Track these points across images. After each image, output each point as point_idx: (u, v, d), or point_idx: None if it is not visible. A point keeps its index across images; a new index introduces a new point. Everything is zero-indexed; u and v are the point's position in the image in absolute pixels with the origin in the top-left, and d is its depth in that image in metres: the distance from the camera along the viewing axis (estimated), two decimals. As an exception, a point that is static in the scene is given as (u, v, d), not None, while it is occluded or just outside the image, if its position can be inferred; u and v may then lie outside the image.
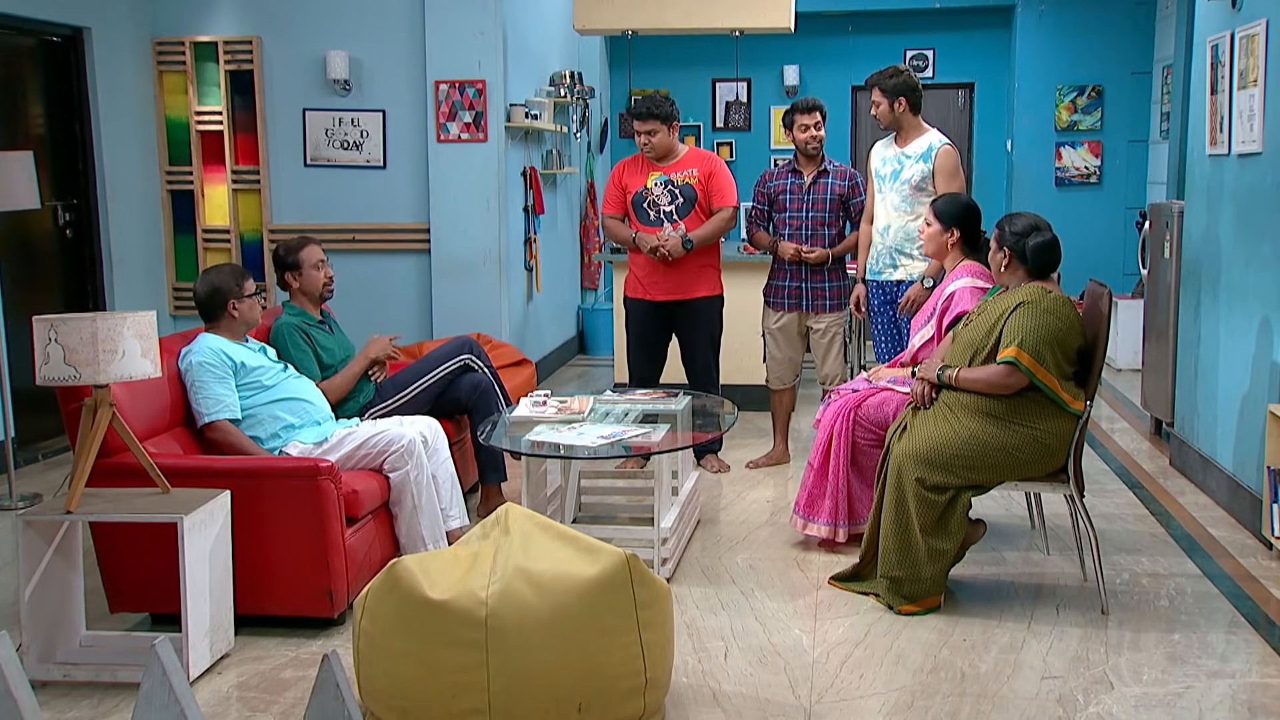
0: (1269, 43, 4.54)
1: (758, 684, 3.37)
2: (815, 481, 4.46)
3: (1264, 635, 3.68)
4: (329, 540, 3.70)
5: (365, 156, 7.06)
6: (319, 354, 4.64)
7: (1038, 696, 3.27)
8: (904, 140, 5.23)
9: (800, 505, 4.50)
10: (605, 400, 4.71)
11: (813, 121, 5.54)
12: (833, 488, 4.40)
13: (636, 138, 5.50)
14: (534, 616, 2.88)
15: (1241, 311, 4.86)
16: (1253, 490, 4.64)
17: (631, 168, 5.59)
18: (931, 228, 4.42)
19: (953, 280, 4.38)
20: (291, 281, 4.73)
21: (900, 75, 5.21)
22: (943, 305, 4.37)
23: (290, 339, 4.57)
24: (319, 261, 4.75)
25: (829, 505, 4.41)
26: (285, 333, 4.58)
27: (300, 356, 4.54)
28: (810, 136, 5.53)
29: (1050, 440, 3.80)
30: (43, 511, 3.43)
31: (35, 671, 3.40)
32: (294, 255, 4.71)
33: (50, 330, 3.28)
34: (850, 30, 10.63)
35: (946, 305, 4.35)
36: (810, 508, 4.47)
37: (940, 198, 4.60)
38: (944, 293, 4.39)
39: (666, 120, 5.41)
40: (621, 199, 5.56)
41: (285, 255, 4.72)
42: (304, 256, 4.71)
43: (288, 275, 4.73)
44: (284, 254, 4.73)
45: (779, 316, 5.67)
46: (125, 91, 6.87)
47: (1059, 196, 10.12)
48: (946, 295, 4.37)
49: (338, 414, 4.54)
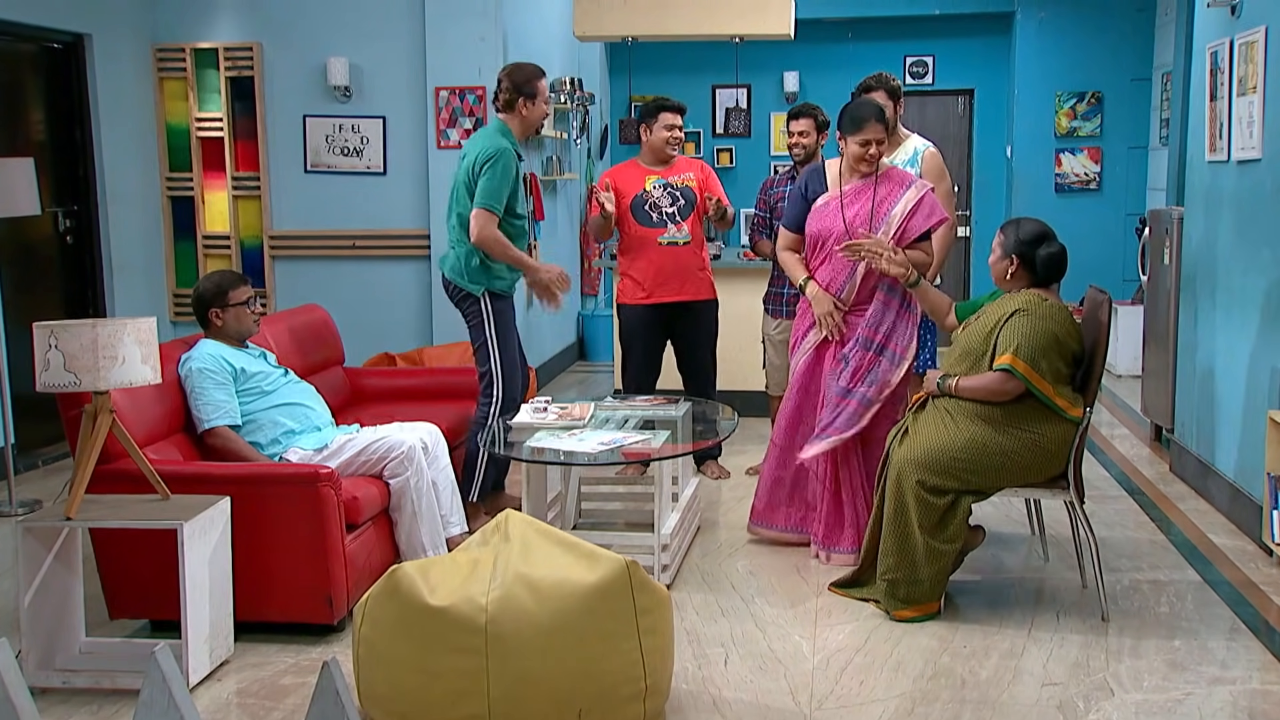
0: (1268, 49, 4.55)
1: (758, 690, 3.36)
2: (831, 510, 4.41)
3: (1264, 642, 3.68)
4: (329, 546, 3.70)
5: (365, 163, 7.07)
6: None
7: (1038, 703, 3.27)
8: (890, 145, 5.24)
9: (819, 536, 4.45)
10: (605, 406, 4.72)
11: (799, 129, 5.56)
12: (851, 513, 4.39)
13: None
14: (534, 623, 2.88)
15: (1241, 317, 4.86)
16: (1253, 497, 4.64)
17: (625, 173, 5.60)
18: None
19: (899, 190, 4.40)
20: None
21: (895, 80, 5.26)
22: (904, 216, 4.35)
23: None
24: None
25: (850, 534, 4.39)
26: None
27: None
28: (796, 142, 5.57)
29: (1049, 445, 3.81)
30: (43, 518, 3.43)
31: (35, 678, 3.39)
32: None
33: (50, 336, 3.28)
34: (850, 37, 10.63)
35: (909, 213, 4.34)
36: (830, 538, 4.41)
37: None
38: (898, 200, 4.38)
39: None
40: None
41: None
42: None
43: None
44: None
45: (778, 324, 5.67)
46: (126, 98, 6.88)
47: (1059, 202, 10.11)
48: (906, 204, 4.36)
49: None
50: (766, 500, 4.66)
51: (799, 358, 4.58)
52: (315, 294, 6.73)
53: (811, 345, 4.52)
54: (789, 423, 4.59)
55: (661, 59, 10.26)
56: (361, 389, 5.43)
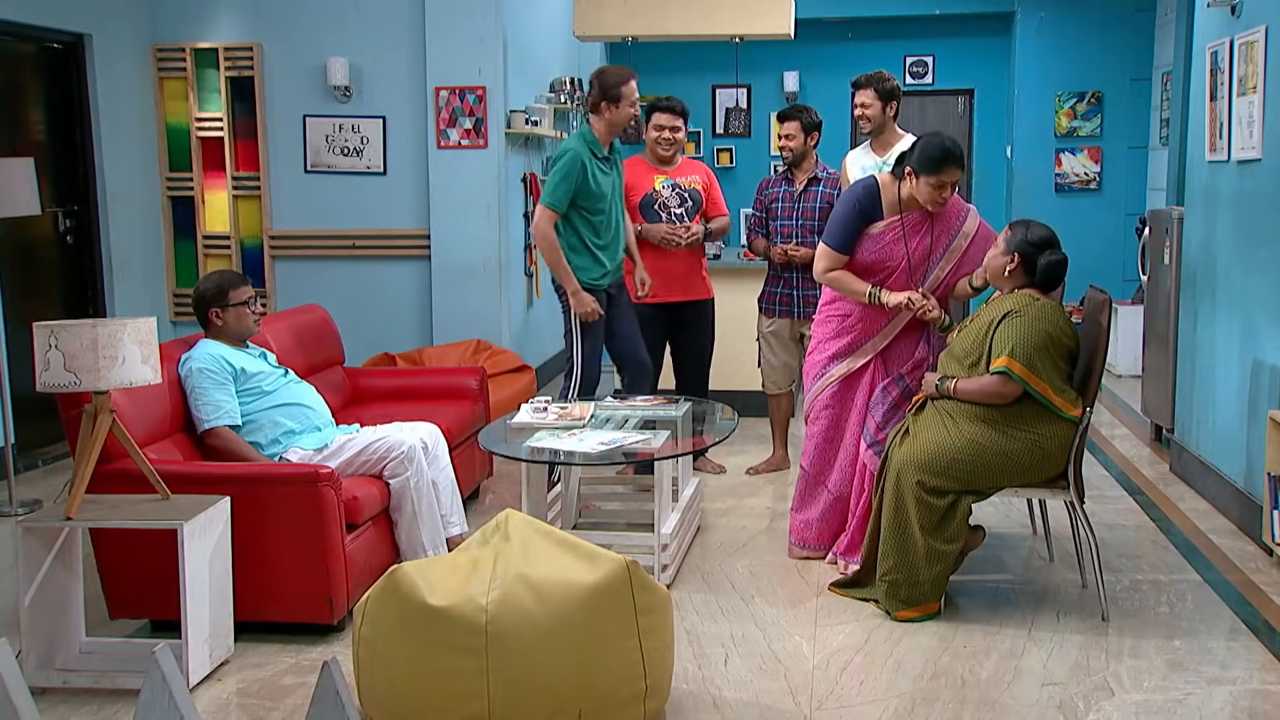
0: (1268, 50, 4.55)
1: (758, 691, 3.36)
2: (857, 526, 4.27)
3: (1265, 642, 3.67)
4: (329, 547, 3.70)
5: (365, 163, 7.07)
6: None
7: (1038, 703, 3.27)
8: (883, 147, 5.26)
9: (841, 549, 4.36)
10: (605, 406, 4.71)
11: (785, 132, 5.57)
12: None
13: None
14: (534, 623, 2.88)
15: (1241, 317, 4.86)
16: (1253, 496, 4.64)
17: (632, 169, 5.61)
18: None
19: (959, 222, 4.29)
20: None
21: (891, 80, 5.26)
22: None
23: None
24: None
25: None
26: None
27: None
28: (782, 145, 5.60)
29: (1049, 445, 3.81)
30: (43, 518, 3.43)
31: (35, 678, 3.39)
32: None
33: (50, 336, 3.28)
34: (850, 37, 10.64)
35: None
36: (850, 551, 4.31)
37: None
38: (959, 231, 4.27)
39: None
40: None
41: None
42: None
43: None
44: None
45: (772, 322, 5.70)
46: (126, 98, 6.87)
47: (1059, 202, 10.12)
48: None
49: None
50: (810, 526, 4.50)
51: (822, 385, 4.42)
52: (315, 294, 6.74)
53: (839, 377, 4.39)
54: (818, 449, 4.47)
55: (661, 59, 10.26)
56: (361, 389, 5.43)
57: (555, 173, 4.99)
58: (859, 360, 4.37)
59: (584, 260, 5.08)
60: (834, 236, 4.31)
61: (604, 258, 5.11)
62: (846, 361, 4.39)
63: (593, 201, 5.02)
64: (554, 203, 4.97)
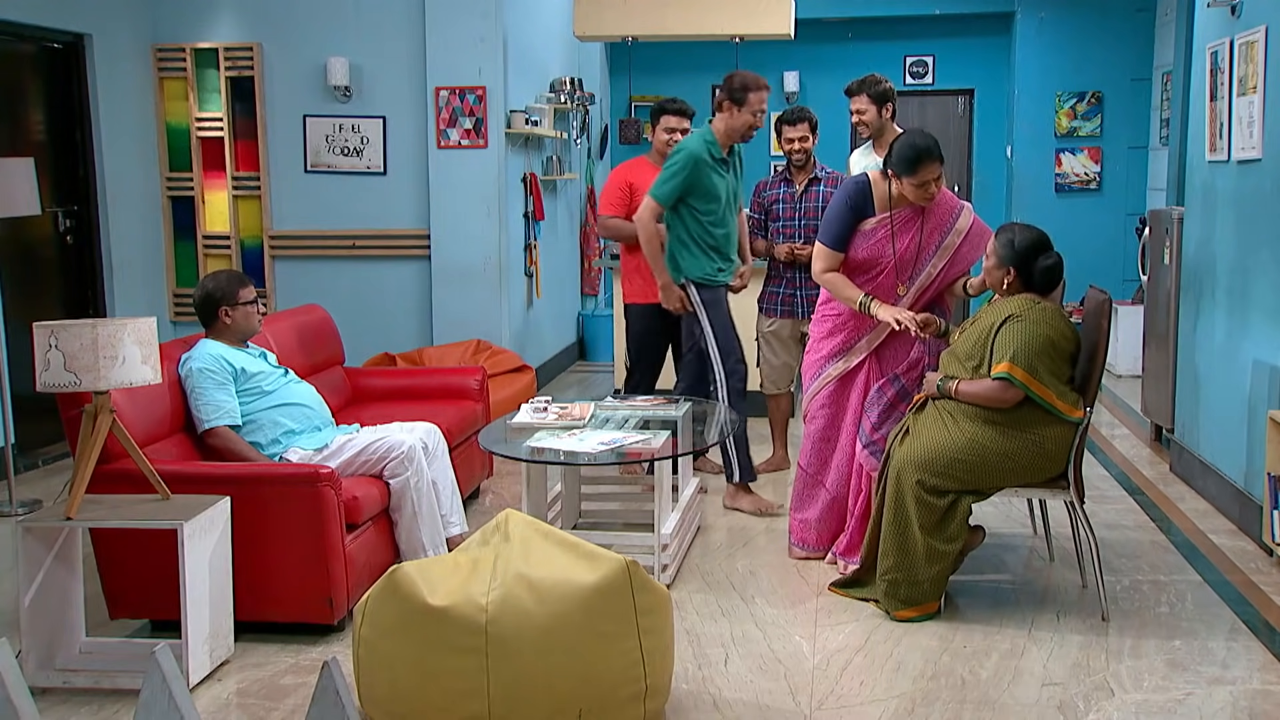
0: (1268, 49, 4.55)
1: (758, 691, 3.36)
2: (856, 527, 4.29)
3: (1265, 642, 3.68)
4: (329, 547, 3.70)
5: (365, 163, 7.07)
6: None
7: (1038, 703, 3.27)
8: (884, 148, 5.24)
9: (840, 549, 4.36)
10: (606, 406, 4.71)
11: (798, 134, 5.57)
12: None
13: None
14: (534, 623, 2.88)
15: (1241, 317, 4.86)
16: (1253, 497, 4.64)
17: (637, 170, 5.61)
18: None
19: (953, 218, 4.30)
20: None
21: (883, 83, 5.27)
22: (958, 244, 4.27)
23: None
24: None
25: None
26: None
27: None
28: (796, 148, 5.57)
29: (1050, 446, 3.81)
30: (43, 518, 3.43)
31: (35, 678, 3.39)
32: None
33: (50, 336, 3.28)
34: (850, 37, 10.64)
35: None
36: (850, 552, 4.31)
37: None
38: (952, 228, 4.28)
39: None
40: (627, 200, 5.57)
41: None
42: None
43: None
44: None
45: (772, 322, 5.69)
46: (126, 98, 6.88)
47: (1059, 202, 10.12)
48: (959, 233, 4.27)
49: None
50: (809, 526, 4.51)
51: (820, 384, 4.44)
52: (315, 294, 6.74)
53: (836, 376, 4.40)
54: (815, 448, 4.48)
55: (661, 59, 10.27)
56: (361, 389, 5.43)
57: (668, 168, 5.00)
58: (854, 359, 4.38)
59: (693, 256, 5.06)
60: (828, 234, 4.35)
61: (715, 256, 5.10)
62: (842, 360, 4.40)
63: (704, 201, 5.01)
64: (660, 196, 4.99)
